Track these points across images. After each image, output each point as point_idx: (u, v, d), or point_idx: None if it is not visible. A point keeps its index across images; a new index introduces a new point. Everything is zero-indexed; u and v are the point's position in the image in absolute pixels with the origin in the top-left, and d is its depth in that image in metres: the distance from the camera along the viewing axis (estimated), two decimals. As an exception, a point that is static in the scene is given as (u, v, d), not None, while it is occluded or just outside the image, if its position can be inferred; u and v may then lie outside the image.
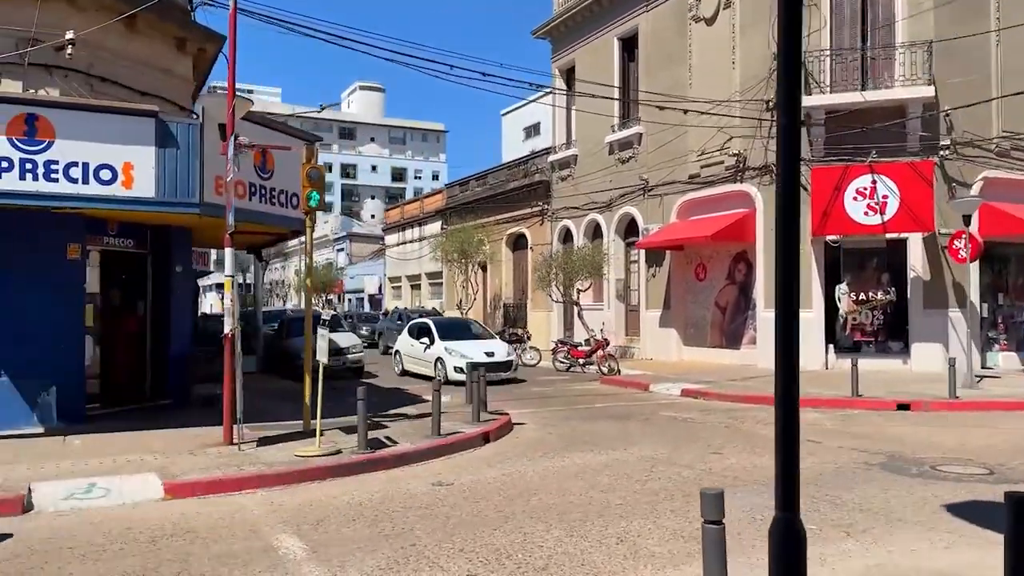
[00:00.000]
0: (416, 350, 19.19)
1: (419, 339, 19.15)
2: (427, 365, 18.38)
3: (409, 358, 19.74)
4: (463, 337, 18.71)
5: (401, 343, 20.50)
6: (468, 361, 15.67)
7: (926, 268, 17.43)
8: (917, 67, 17.10)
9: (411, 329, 20.24)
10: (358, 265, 49.07)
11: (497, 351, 17.99)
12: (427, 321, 19.84)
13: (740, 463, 8.49)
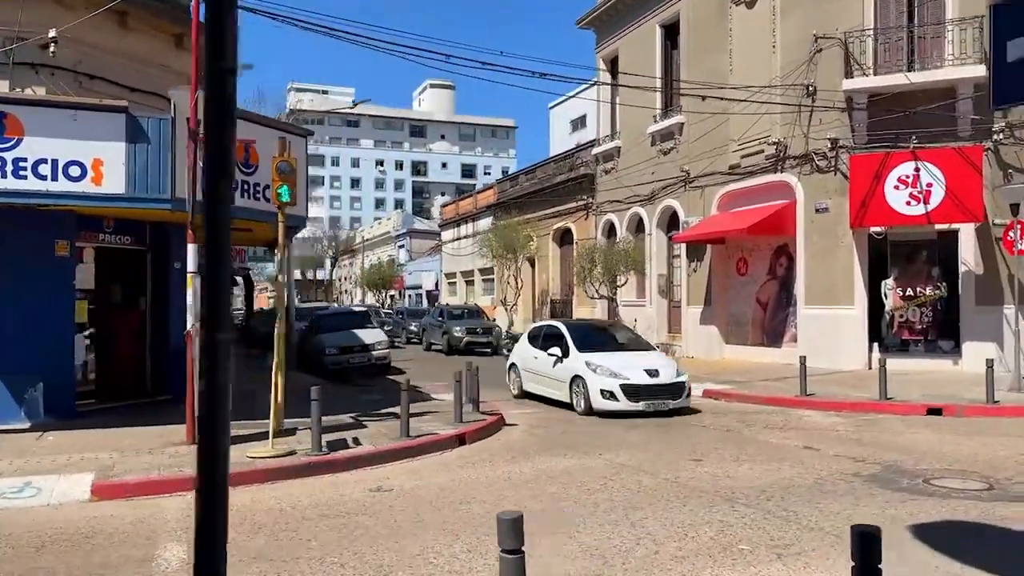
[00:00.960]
0: (541, 364, 13.90)
1: (545, 349, 13.84)
2: (558, 386, 13.25)
3: (531, 375, 14.34)
4: (608, 347, 13.55)
5: (519, 354, 15.04)
6: (623, 383, 11.88)
7: (979, 261, 16.14)
8: (967, 45, 15.83)
9: (533, 335, 14.92)
10: (417, 261, 49.44)
11: (662, 369, 12.41)
12: (557, 325, 14.45)
13: (713, 472, 7.89)
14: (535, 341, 14.61)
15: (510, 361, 15.41)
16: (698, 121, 21.39)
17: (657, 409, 11.78)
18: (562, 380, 13.02)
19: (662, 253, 24.17)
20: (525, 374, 14.57)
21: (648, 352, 13.81)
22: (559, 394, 13.15)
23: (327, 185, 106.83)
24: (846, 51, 16.91)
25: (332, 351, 18.29)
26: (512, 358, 15.34)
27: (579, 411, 12.26)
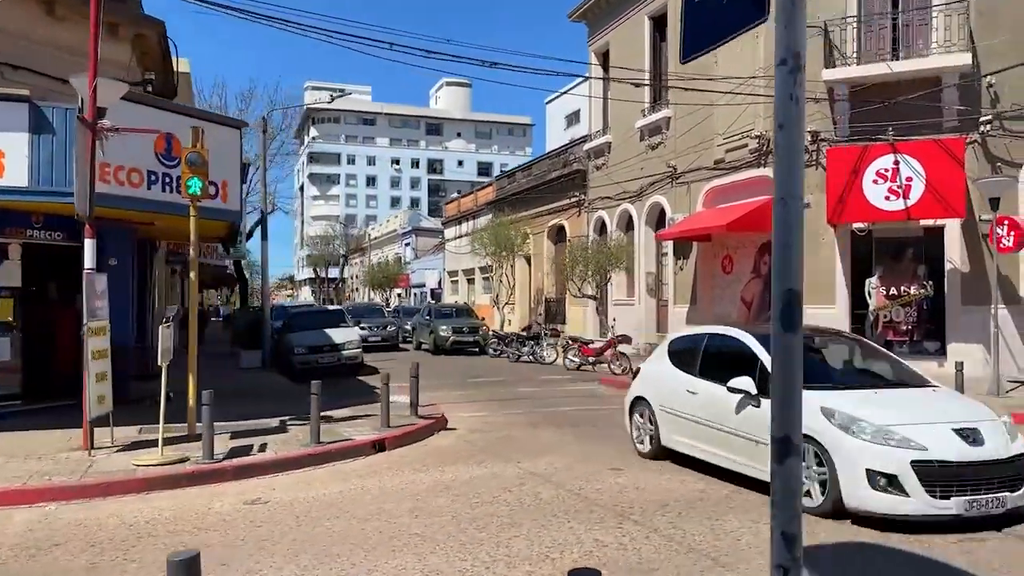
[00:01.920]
0: (704, 405, 7.78)
1: (714, 378, 7.72)
2: (749, 449, 7.05)
3: (681, 420, 8.14)
4: (853, 381, 7.63)
5: (652, 382, 8.88)
6: (918, 457, 5.99)
7: (964, 259, 15.40)
8: (953, 32, 15.09)
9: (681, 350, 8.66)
10: (422, 259, 49.14)
11: (981, 426, 6.36)
12: (737, 335, 7.90)
13: (626, 483, 7.37)
14: (686, 361, 8.28)
15: (633, 393, 9.01)
16: (685, 115, 20.80)
17: (985, 514, 5.87)
18: (759, 439, 6.74)
19: (651, 251, 23.58)
20: (667, 417, 8.24)
21: (932, 392, 7.21)
22: (751, 464, 6.95)
23: (343, 183, 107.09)
24: (827, 40, 16.20)
25: (300, 351, 17.94)
26: (638, 388, 9.00)
27: (814, 506, 6.24)
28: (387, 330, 28.00)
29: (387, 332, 27.83)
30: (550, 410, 12.59)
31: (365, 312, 30.28)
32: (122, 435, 9.05)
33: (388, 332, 27.87)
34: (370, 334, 26.44)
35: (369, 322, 27.40)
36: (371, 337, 26.38)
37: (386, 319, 29.38)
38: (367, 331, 26.17)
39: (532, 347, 22.20)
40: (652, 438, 8.54)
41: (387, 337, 27.68)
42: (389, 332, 27.96)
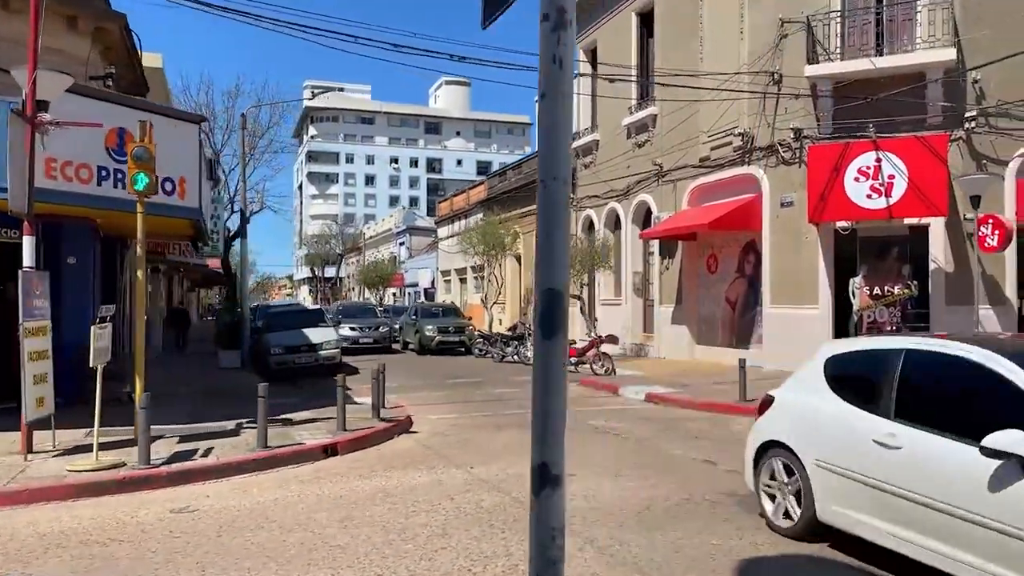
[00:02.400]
0: (921, 465, 4.75)
1: (936, 425, 4.76)
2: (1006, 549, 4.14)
3: (854, 483, 5.18)
4: None
5: (811, 423, 5.69)
6: None
7: (949, 259, 15.09)
8: (937, 27, 14.78)
9: (858, 380, 5.60)
10: (416, 259, 48.88)
11: None
12: (977, 355, 4.72)
13: (576, 490, 7.09)
14: (864, 391, 5.46)
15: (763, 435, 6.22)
16: (671, 112, 20.51)
17: None
18: None
19: (637, 250, 23.27)
20: (830, 479, 5.40)
21: None
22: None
23: (341, 182, 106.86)
24: (811, 35, 15.90)
25: (277, 350, 17.68)
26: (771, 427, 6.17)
27: None
28: (379, 331, 26.43)
29: (379, 333, 26.30)
30: (521, 412, 12.31)
31: (356, 311, 28.72)
32: (69, 438, 8.81)
33: (380, 333, 26.38)
34: (361, 335, 25.39)
35: (360, 322, 26.19)
36: (362, 338, 25.32)
37: (378, 319, 27.74)
38: (358, 332, 25.26)
39: (517, 347, 21.94)
40: (800, 508, 5.61)
41: (379, 338, 26.13)
42: (381, 333, 26.41)
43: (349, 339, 24.14)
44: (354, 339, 24.88)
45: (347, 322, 25.57)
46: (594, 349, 18.53)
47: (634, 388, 14.46)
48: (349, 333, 24.79)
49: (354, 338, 24.94)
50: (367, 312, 29.11)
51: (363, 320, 26.56)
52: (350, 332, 24.95)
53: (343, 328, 24.45)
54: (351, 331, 25.09)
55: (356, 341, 24.92)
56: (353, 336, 25.00)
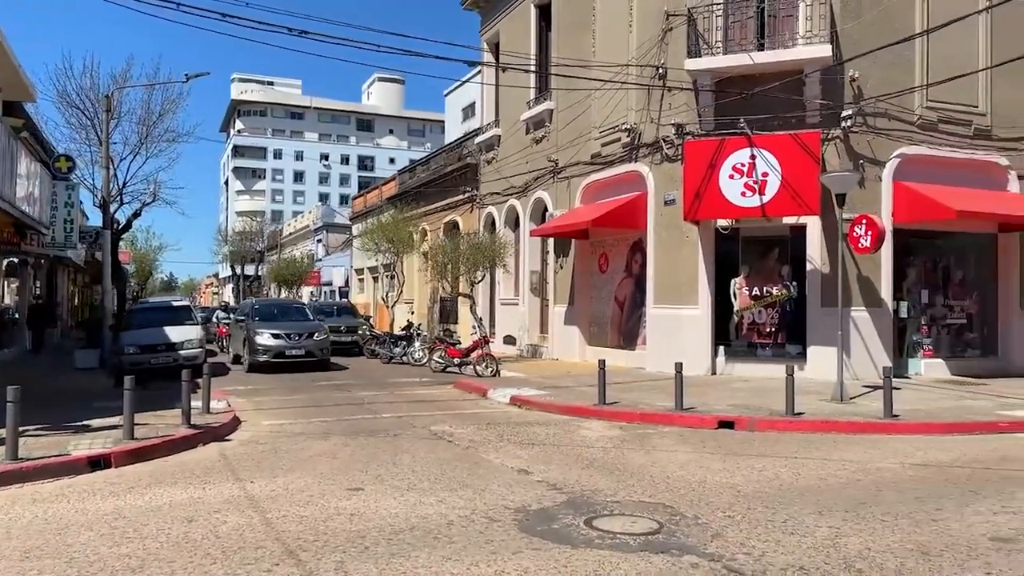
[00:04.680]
0: None
1: None
2: None
3: None
4: None
5: None
6: None
7: (825, 259, 14.84)
8: (814, 23, 14.51)
9: None
10: (331, 256, 47.52)
11: None
12: None
13: (349, 509, 6.31)
14: None
15: None
16: (566, 107, 19.98)
17: None
18: None
19: (535, 249, 22.68)
20: None
21: None
22: None
23: (269, 178, 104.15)
24: (692, 28, 15.47)
25: (132, 350, 16.44)
26: None
27: None
28: (313, 338, 19.03)
29: (313, 341, 18.95)
30: (367, 417, 11.49)
31: (278, 312, 20.97)
32: None
33: (315, 341, 19.01)
34: (288, 345, 18.55)
35: (285, 327, 19.24)
36: (290, 349, 18.52)
37: (310, 322, 20.33)
38: (283, 340, 18.59)
39: (405, 348, 21.08)
40: None
41: (314, 349, 18.81)
42: (316, 341, 19.04)
43: (271, 351, 18.38)
44: (277, 350, 18.41)
45: (265, 327, 18.96)
46: (479, 349, 17.80)
47: (504, 391, 13.77)
48: (269, 343, 18.50)
49: (277, 349, 18.46)
50: (293, 313, 21.38)
51: (288, 324, 19.50)
52: (271, 341, 18.54)
53: (261, 336, 18.60)
54: (272, 340, 18.57)
55: (281, 354, 18.39)
56: (276, 347, 18.46)
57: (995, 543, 5.42)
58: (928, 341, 15.98)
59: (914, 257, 16.01)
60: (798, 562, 5.03)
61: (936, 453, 8.74)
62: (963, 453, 8.72)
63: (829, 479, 7.45)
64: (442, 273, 20.96)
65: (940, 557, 5.14)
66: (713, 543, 5.42)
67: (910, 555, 5.18)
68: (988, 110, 15.79)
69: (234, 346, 21.56)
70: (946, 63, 14.82)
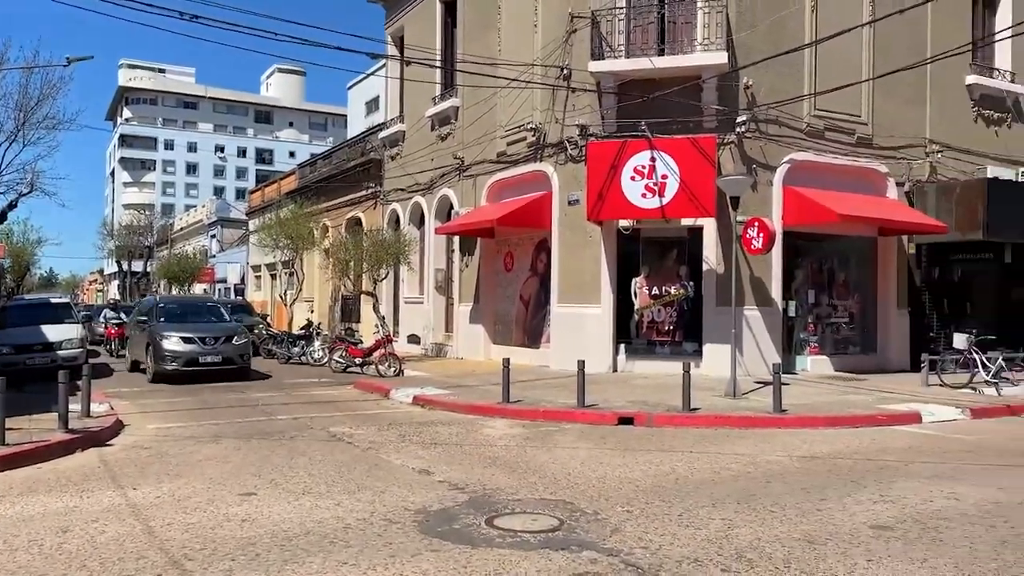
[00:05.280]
0: None
1: None
2: None
3: None
4: None
5: None
6: None
7: (720, 260, 15.34)
8: (711, 30, 14.97)
9: None
10: (227, 252, 45.84)
11: None
12: None
13: (242, 513, 6.04)
14: None
15: None
16: (472, 105, 19.89)
17: None
18: None
19: (440, 247, 22.51)
20: None
21: None
22: None
23: (159, 170, 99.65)
24: (596, 31, 15.69)
25: (5, 350, 15.35)
26: None
27: None
28: (232, 342, 16.49)
29: (232, 346, 16.44)
30: (261, 419, 11.09)
31: (187, 312, 18.26)
32: None
33: (235, 346, 16.51)
34: (202, 350, 16.02)
35: (198, 330, 16.51)
36: (204, 356, 15.99)
37: (226, 323, 17.79)
38: (197, 346, 16.02)
39: (304, 348, 20.52)
40: None
41: (231, 355, 16.34)
42: (236, 346, 16.53)
43: (181, 357, 15.80)
44: (189, 357, 15.86)
45: (173, 329, 16.29)
46: (381, 349, 17.51)
47: (407, 390, 13.58)
48: (179, 348, 15.90)
49: (189, 356, 15.88)
50: (206, 312, 18.64)
51: (201, 326, 16.85)
52: (181, 347, 15.92)
53: (168, 340, 15.91)
54: (183, 344, 15.95)
55: (194, 361, 15.88)
56: (188, 353, 15.88)
57: (875, 531, 5.69)
58: (814, 339, 16.78)
59: (801, 259, 16.76)
60: (693, 554, 5.14)
61: (821, 446, 9.15)
62: (846, 445, 9.17)
63: (722, 472, 7.67)
64: (344, 271, 20.48)
65: (824, 546, 5.35)
66: (612, 538, 5.47)
67: (797, 544, 5.38)
68: (870, 120, 16.70)
69: (133, 352, 18.40)
70: (833, 74, 15.60)
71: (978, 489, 6.98)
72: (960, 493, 6.83)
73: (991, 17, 18.80)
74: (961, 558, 5.09)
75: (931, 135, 17.49)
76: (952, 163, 17.62)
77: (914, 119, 17.33)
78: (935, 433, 10.13)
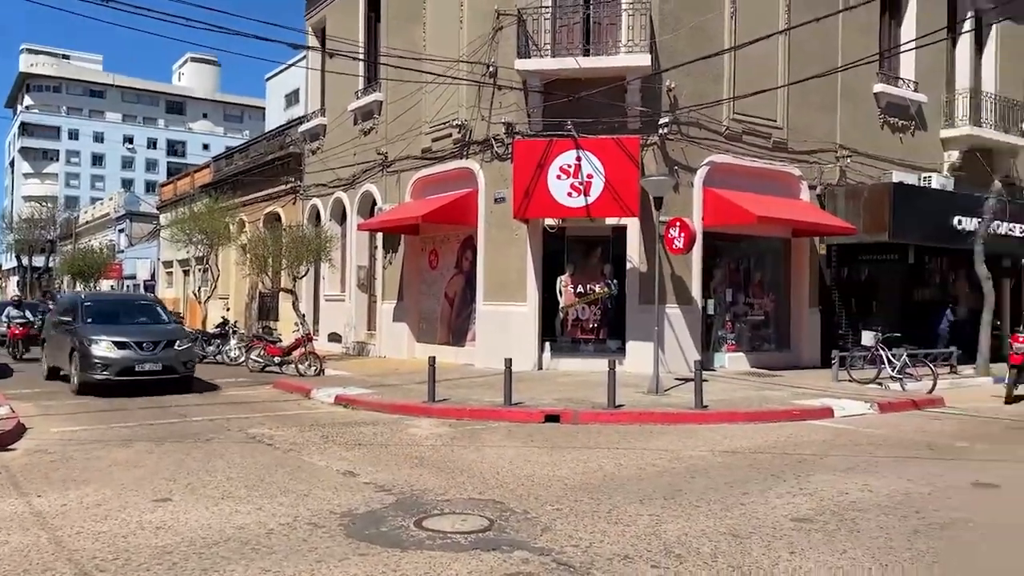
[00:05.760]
0: None
1: None
2: None
3: None
4: None
5: None
6: None
7: (643, 259, 15.59)
8: (635, 32, 15.17)
9: None
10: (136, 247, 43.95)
11: None
12: None
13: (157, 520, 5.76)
14: None
15: None
16: (397, 100, 19.61)
17: None
18: None
19: (363, 244, 22.15)
20: None
21: None
22: None
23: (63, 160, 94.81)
24: (522, 29, 15.68)
25: None
26: None
27: None
28: (175, 348, 14.08)
29: (175, 353, 14.02)
30: (175, 421, 10.65)
31: (121, 311, 15.61)
32: None
33: (178, 352, 14.10)
34: (139, 357, 13.48)
35: (134, 332, 14.08)
36: (142, 363, 13.47)
37: (169, 326, 15.50)
38: (133, 352, 13.49)
39: (219, 346, 19.85)
40: None
41: (173, 363, 13.87)
42: (179, 352, 14.15)
43: (113, 365, 13.26)
44: (123, 365, 13.34)
45: (104, 332, 13.66)
46: (301, 347, 17.08)
47: (329, 390, 13.27)
48: (111, 354, 13.33)
49: (123, 363, 13.35)
50: (141, 312, 15.92)
51: (137, 328, 14.44)
52: (114, 352, 13.37)
53: (98, 345, 13.36)
54: (116, 350, 13.40)
55: (129, 369, 13.37)
56: (121, 360, 13.36)
57: (796, 523, 5.85)
58: (731, 337, 17.25)
59: (719, 258, 17.19)
60: (623, 551, 5.16)
61: (741, 441, 9.38)
62: (764, 440, 9.43)
63: (647, 468, 7.77)
64: (263, 267, 19.87)
65: (749, 539, 5.47)
66: (543, 537, 5.45)
67: (723, 538, 5.47)
68: (785, 124, 17.27)
69: (52, 357, 15.85)
70: (751, 79, 16.04)
71: (888, 481, 7.28)
72: (873, 485, 7.10)
73: (896, 28, 19.71)
74: (878, 548, 5.28)
75: (841, 140, 18.22)
76: (860, 168, 18.40)
77: (826, 125, 18.02)
78: (847, 427, 10.54)
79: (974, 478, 7.46)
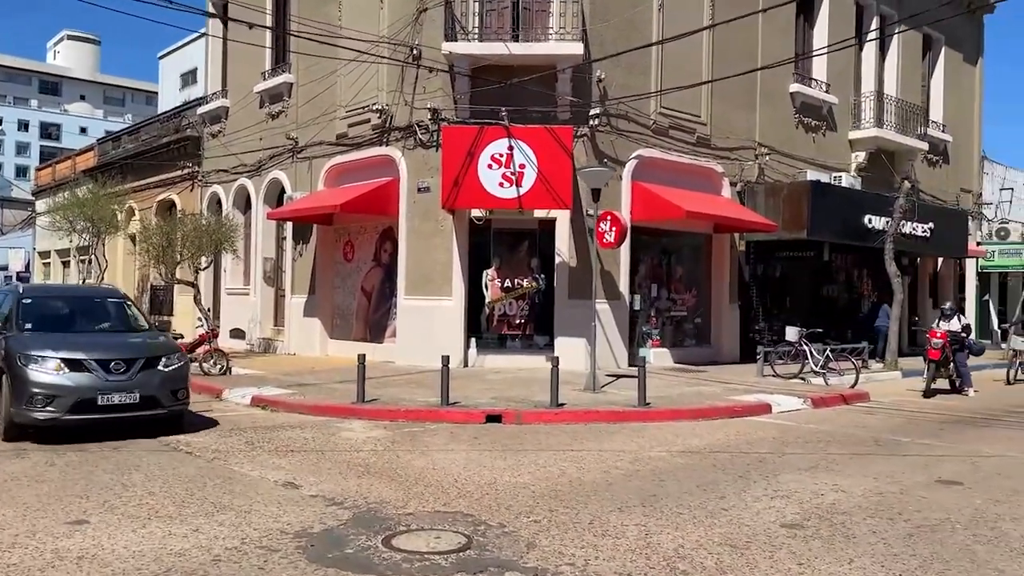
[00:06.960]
0: None
1: None
2: None
3: None
4: None
5: None
6: None
7: (573, 253, 15.27)
8: (567, 20, 14.80)
9: None
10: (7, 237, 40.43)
11: None
12: None
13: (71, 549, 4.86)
14: None
15: None
16: (309, 82, 18.51)
17: None
18: None
19: (270, 234, 20.88)
20: None
21: None
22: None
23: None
24: (449, 11, 15.03)
25: None
26: None
27: None
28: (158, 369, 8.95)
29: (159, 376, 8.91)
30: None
31: (73, 312, 10.24)
32: None
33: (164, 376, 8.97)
34: (102, 384, 8.47)
35: (93, 344, 9.02)
36: (108, 393, 8.45)
37: (146, 337, 9.92)
38: (91, 374, 8.47)
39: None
40: None
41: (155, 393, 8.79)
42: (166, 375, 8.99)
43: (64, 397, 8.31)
44: (81, 397, 8.38)
45: (50, 346, 8.69)
46: (205, 345, 15.83)
47: (243, 390, 12.25)
48: (61, 381, 8.41)
49: (82, 394, 8.39)
50: (102, 313, 10.43)
51: (100, 340, 9.39)
52: (65, 379, 8.43)
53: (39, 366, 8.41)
54: (69, 373, 8.48)
55: (89, 404, 8.40)
56: (77, 389, 8.41)
57: (789, 530, 5.55)
58: (655, 332, 17.18)
59: (644, 254, 17.07)
60: (623, 568, 4.70)
61: (692, 439, 9.12)
62: (715, 438, 9.21)
63: (612, 472, 7.36)
64: (159, 258, 18.32)
65: (748, 550, 5.11)
66: (531, 555, 4.91)
67: (722, 550, 5.10)
68: (708, 121, 17.33)
69: None
70: (677, 74, 15.98)
71: (856, 480, 7.14)
72: (842, 485, 6.93)
73: (810, 30, 20.19)
74: (882, 555, 5.03)
75: (760, 138, 18.48)
76: (777, 166, 18.73)
77: (746, 122, 18.23)
78: (788, 423, 10.49)
79: (934, 475, 7.44)
